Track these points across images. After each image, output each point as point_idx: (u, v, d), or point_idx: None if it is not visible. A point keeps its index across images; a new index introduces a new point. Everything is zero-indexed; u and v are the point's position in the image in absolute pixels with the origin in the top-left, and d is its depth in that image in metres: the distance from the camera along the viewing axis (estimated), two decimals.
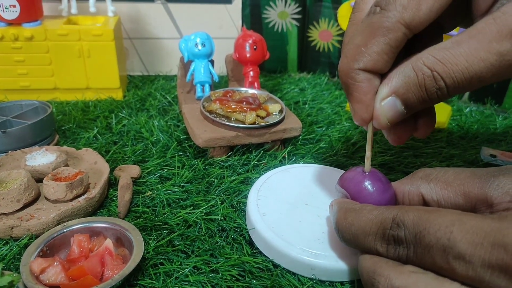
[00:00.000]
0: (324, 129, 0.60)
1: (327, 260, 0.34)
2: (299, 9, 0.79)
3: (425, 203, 0.30)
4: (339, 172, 0.45)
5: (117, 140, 0.56)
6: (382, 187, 0.32)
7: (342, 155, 0.53)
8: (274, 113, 0.54)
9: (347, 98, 0.31)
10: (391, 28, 0.27)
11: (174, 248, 0.37)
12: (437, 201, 0.29)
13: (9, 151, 0.48)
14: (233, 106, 0.52)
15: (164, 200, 0.43)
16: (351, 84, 0.29)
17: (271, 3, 0.78)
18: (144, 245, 0.35)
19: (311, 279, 0.34)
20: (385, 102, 0.28)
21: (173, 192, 0.45)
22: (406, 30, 0.27)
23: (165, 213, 0.42)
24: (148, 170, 0.49)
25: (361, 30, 0.28)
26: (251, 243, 0.38)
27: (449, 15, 0.30)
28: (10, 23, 0.63)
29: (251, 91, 0.59)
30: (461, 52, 0.25)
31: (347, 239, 0.30)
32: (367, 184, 0.32)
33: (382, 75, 0.29)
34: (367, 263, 0.28)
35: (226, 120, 0.51)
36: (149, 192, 0.45)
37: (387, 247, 0.26)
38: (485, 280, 0.22)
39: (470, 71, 0.24)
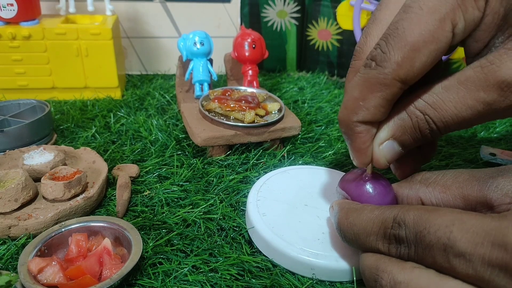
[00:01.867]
0: (323, 128, 0.60)
1: (327, 260, 0.33)
2: (298, 8, 0.79)
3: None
4: (338, 174, 0.45)
5: (115, 139, 0.56)
6: (383, 190, 0.32)
7: (341, 154, 0.53)
8: (273, 112, 0.54)
9: (347, 144, 0.32)
10: (388, 84, 0.28)
11: (173, 248, 0.37)
12: (436, 205, 0.29)
13: (7, 150, 0.48)
14: (232, 105, 0.51)
15: (163, 199, 0.43)
16: (351, 135, 0.31)
17: (270, 2, 0.78)
18: (143, 244, 0.35)
19: (311, 279, 0.34)
20: (383, 146, 0.30)
21: (171, 191, 0.45)
22: (402, 84, 0.28)
23: (163, 212, 0.41)
24: (147, 169, 0.49)
25: (359, 84, 0.29)
26: (250, 242, 0.38)
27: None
28: (7, 22, 0.62)
29: (250, 90, 0.59)
30: (450, 98, 0.26)
31: (349, 239, 0.30)
32: (368, 187, 0.32)
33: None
34: (369, 260, 0.28)
35: (225, 119, 0.51)
36: (148, 191, 0.45)
37: (389, 246, 0.27)
38: (485, 279, 0.22)
39: (458, 117, 0.26)
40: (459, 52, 0.66)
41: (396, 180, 0.34)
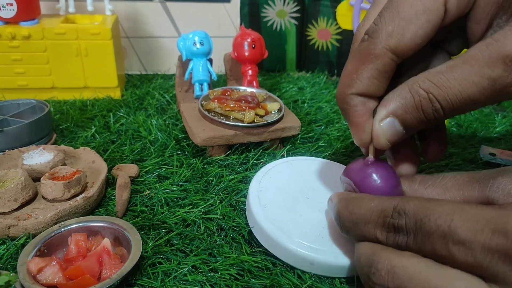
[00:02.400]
0: (323, 128, 0.60)
1: (327, 255, 0.33)
2: (297, 8, 0.79)
3: None
4: (340, 167, 0.45)
5: (115, 139, 0.56)
6: (387, 174, 0.32)
7: (341, 154, 0.53)
8: (273, 112, 0.54)
9: (347, 122, 0.32)
10: (378, 55, 0.28)
11: (172, 248, 0.37)
12: None
13: (6, 150, 0.48)
14: (231, 105, 0.51)
15: (163, 199, 0.43)
16: (347, 109, 0.31)
17: (270, 2, 0.78)
18: (142, 244, 0.35)
19: (311, 277, 0.34)
20: (384, 122, 0.29)
21: (171, 191, 0.44)
22: (393, 55, 0.28)
23: (163, 212, 0.41)
24: (146, 169, 0.49)
25: (352, 58, 0.30)
26: (250, 242, 0.38)
27: (448, 39, 0.32)
28: (7, 21, 0.62)
29: (249, 89, 0.59)
30: (455, 76, 0.26)
31: (347, 227, 0.30)
32: (372, 172, 0.32)
33: (379, 99, 0.30)
34: (366, 247, 0.28)
35: (224, 119, 0.51)
36: (147, 191, 0.45)
37: (387, 235, 0.27)
38: (484, 266, 0.22)
39: (463, 95, 0.26)
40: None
41: None
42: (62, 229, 0.37)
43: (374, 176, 0.32)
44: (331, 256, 0.33)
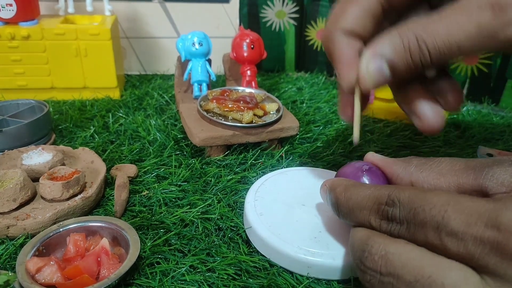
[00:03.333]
0: (321, 128, 0.60)
1: (324, 258, 0.34)
2: (296, 8, 0.79)
3: None
4: None
5: (114, 139, 0.56)
6: (376, 181, 0.32)
7: (339, 155, 0.53)
8: (271, 112, 0.54)
9: (333, 65, 0.32)
10: None
11: (170, 247, 0.37)
12: None
13: (6, 150, 0.48)
14: (230, 105, 0.52)
15: (161, 199, 0.43)
16: (332, 47, 0.31)
17: (269, 3, 0.78)
18: (141, 244, 0.35)
19: (308, 278, 0.34)
20: (371, 62, 0.29)
21: (170, 191, 0.45)
22: None
23: (161, 212, 0.41)
24: (145, 169, 0.49)
25: (339, 2, 0.31)
26: (247, 242, 0.38)
27: None
28: (6, 22, 0.62)
29: (248, 90, 0.59)
30: (443, 21, 0.27)
31: (344, 212, 0.30)
32: (365, 179, 0.32)
33: (365, 43, 0.31)
34: (360, 232, 0.28)
35: (223, 119, 0.51)
36: (146, 191, 0.45)
37: (380, 222, 0.27)
38: (475, 257, 0.22)
39: (450, 40, 0.26)
40: None
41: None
42: (61, 229, 0.37)
43: (366, 181, 0.32)
44: (328, 259, 0.34)
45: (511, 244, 0.21)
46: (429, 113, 0.32)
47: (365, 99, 0.34)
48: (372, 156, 0.34)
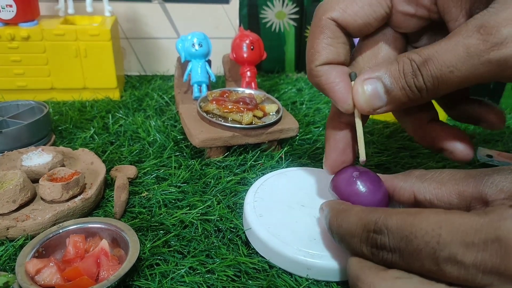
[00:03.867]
0: (321, 129, 0.60)
1: (323, 259, 0.34)
2: (296, 9, 0.79)
3: (416, 201, 0.30)
4: None
5: (113, 140, 0.56)
6: (373, 188, 0.32)
7: None
8: (271, 114, 0.54)
9: (327, 95, 0.33)
10: (324, 25, 0.32)
11: (170, 249, 0.37)
12: (429, 201, 0.29)
13: (5, 152, 0.48)
14: (230, 107, 0.52)
15: (161, 200, 0.43)
16: (317, 80, 0.33)
17: (269, 3, 0.78)
18: (140, 245, 0.35)
19: (307, 280, 0.34)
20: (366, 83, 0.30)
21: (169, 192, 0.45)
22: (335, 22, 0.32)
23: (161, 214, 0.42)
24: (145, 170, 0.49)
25: (309, 38, 0.33)
26: (247, 244, 0.38)
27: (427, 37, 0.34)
28: (6, 23, 0.63)
29: (248, 91, 0.59)
30: (435, 48, 0.27)
31: (338, 240, 0.30)
32: (358, 185, 0.33)
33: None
34: (353, 267, 0.28)
35: (223, 121, 0.51)
36: (146, 193, 0.45)
37: (371, 250, 0.27)
38: (477, 278, 0.22)
39: (439, 61, 0.27)
40: None
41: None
42: (60, 231, 0.37)
43: (362, 190, 0.32)
44: (328, 261, 0.34)
45: None
46: (460, 148, 0.34)
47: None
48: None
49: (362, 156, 0.33)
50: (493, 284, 0.21)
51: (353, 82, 0.31)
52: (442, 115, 0.37)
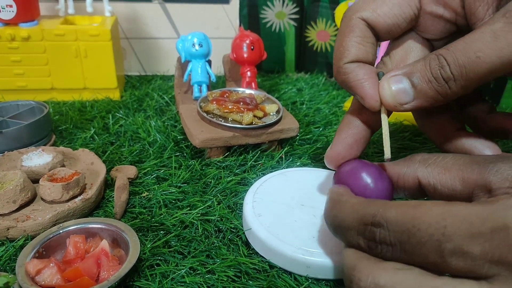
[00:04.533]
0: (321, 129, 0.60)
1: (323, 257, 0.34)
2: (296, 9, 0.79)
3: (420, 186, 0.30)
4: None
5: (114, 141, 0.56)
6: (378, 180, 0.32)
7: None
8: (271, 114, 0.54)
9: (353, 93, 0.33)
10: (354, 24, 0.33)
11: (170, 249, 0.37)
12: (433, 186, 0.28)
13: (5, 152, 0.48)
14: (230, 107, 0.52)
15: (161, 200, 0.43)
16: (345, 77, 0.33)
17: (269, 3, 0.78)
18: (140, 246, 0.35)
19: (307, 279, 0.34)
20: (392, 80, 0.30)
21: (169, 192, 0.45)
22: (365, 23, 0.32)
23: (161, 214, 0.42)
24: (145, 170, 0.49)
25: (336, 38, 0.34)
26: (247, 244, 0.38)
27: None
28: (6, 23, 0.62)
29: (248, 91, 0.59)
30: (462, 39, 0.28)
31: (333, 231, 0.30)
32: (363, 178, 0.32)
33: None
34: (348, 258, 0.27)
35: (223, 121, 0.51)
36: (146, 193, 0.45)
37: (368, 243, 0.26)
38: (484, 268, 0.21)
39: (467, 49, 0.27)
40: None
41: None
42: (61, 231, 0.37)
43: (366, 180, 0.32)
44: (327, 258, 0.34)
45: None
46: (489, 152, 0.34)
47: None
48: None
49: (387, 154, 0.32)
50: (500, 274, 0.21)
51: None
52: None
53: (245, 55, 0.61)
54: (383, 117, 0.32)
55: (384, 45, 0.63)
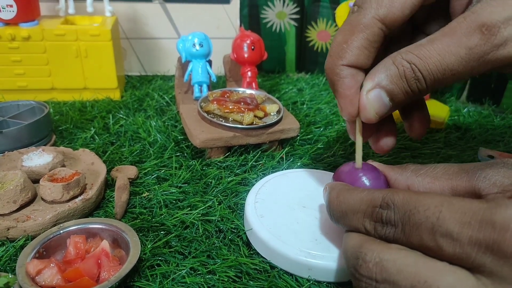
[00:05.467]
0: (322, 129, 0.60)
1: (325, 260, 0.34)
2: (297, 9, 0.79)
3: None
4: None
5: (114, 141, 0.56)
6: (376, 181, 0.32)
7: (339, 156, 0.53)
8: (271, 114, 0.54)
9: (334, 94, 0.33)
10: (368, 24, 0.30)
11: (171, 249, 0.37)
12: None
13: (6, 152, 0.48)
14: (230, 107, 0.51)
15: (161, 201, 0.43)
16: (336, 80, 0.32)
17: (269, 3, 0.78)
18: (141, 246, 0.35)
19: (309, 280, 0.34)
20: (371, 94, 0.30)
21: (170, 193, 0.45)
22: (382, 25, 0.30)
23: (162, 214, 0.41)
24: (145, 170, 0.49)
25: (342, 29, 0.31)
26: (248, 244, 0.38)
27: (429, 21, 0.33)
28: (7, 23, 0.62)
29: (249, 91, 0.59)
30: (434, 47, 0.27)
31: (337, 216, 0.30)
32: (362, 178, 0.33)
33: (365, 72, 0.31)
34: (354, 239, 0.28)
35: (223, 121, 0.51)
36: (146, 193, 0.45)
37: (375, 225, 0.27)
38: (471, 257, 0.22)
39: (442, 64, 0.27)
40: None
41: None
42: (61, 231, 0.37)
43: (365, 183, 0.32)
44: (330, 261, 0.34)
45: (506, 242, 0.21)
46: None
47: (370, 128, 0.35)
48: (371, 163, 0.35)
49: (359, 164, 0.34)
50: (486, 263, 0.22)
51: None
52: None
53: (246, 55, 0.61)
54: (358, 133, 0.33)
55: None
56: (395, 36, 0.34)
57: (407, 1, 0.29)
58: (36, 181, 0.43)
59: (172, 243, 0.38)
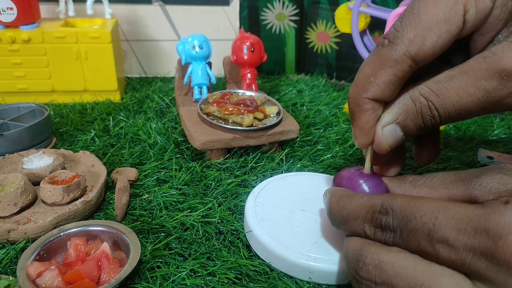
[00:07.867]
0: (321, 131, 0.60)
1: (325, 263, 0.34)
2: (296, 11, 0.79)
3: None
4: None
5: (114, 143, 0.56)
6: (376, 188, 0.33)
7: (339, 157, 0.53)
8: (271, 115, 0.54)
9: (351, 122, 0.33)
10: (398, 60, 0.29)
11: (171, 251, 0.37)
12: None
13: (6, 154, 0.48)
14: (230, 109, 0.52)
15: (161, 203, 0.43)
16: (357, 111, 0.32)
17: (269, 5, 0.78)
18: (141, 248, 0.35)
19: (309, 283, 0.34)
20: (386, 129, 0.31)
21: (170, 195, 0.45)
22: (412, 62, 0.29)
23: (162, 216, 0.42)
24: (146, 172, 0.49)
25: (371, 61, 0.31)
26: (248, 246, 0.38)
27: (454, 51, 0.33)
28: (7, 25, 0.63)
29: (248, 93, 0.59)
30: (452, 86, 0.28)
31: (338, 222, 0.31)
32: (362, 184, 0.33)
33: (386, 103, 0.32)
34: (354, 242, 0.28)
35: (223, 123, 0.51)
36: (146, 195, 0.45)
37: (375, 230, 0.27)
38: (466, 263, 0.23)
39: (459, 104, 0.28)
40: None
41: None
42: (62, 233, 0.37)
43: (365, 189, 0.33)
44: (330, 264, 0.34)
45: (499, 250, 0.21)
46: None
47: (381, 156, 0.35)
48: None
49: (367, 168, 0.34)
50: (480, 269, 0.22)
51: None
52: None
53: (246, 57, 0.61)
54: (368, 157, 0.34)
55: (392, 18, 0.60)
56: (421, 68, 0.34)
57: (439, 41, 0.29)
58: (36, 183, 0.43)
59: (172, 245, 0.38)
